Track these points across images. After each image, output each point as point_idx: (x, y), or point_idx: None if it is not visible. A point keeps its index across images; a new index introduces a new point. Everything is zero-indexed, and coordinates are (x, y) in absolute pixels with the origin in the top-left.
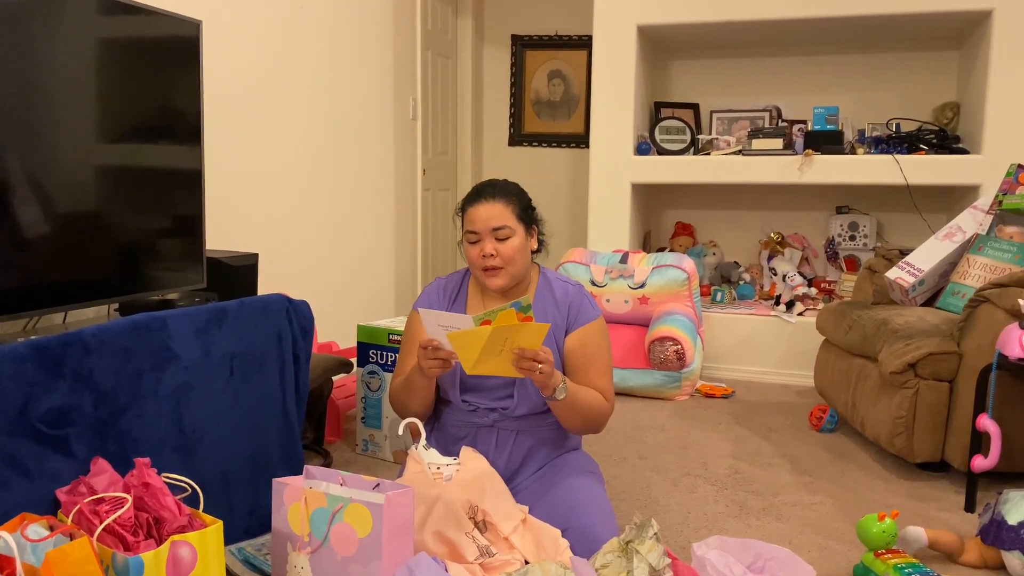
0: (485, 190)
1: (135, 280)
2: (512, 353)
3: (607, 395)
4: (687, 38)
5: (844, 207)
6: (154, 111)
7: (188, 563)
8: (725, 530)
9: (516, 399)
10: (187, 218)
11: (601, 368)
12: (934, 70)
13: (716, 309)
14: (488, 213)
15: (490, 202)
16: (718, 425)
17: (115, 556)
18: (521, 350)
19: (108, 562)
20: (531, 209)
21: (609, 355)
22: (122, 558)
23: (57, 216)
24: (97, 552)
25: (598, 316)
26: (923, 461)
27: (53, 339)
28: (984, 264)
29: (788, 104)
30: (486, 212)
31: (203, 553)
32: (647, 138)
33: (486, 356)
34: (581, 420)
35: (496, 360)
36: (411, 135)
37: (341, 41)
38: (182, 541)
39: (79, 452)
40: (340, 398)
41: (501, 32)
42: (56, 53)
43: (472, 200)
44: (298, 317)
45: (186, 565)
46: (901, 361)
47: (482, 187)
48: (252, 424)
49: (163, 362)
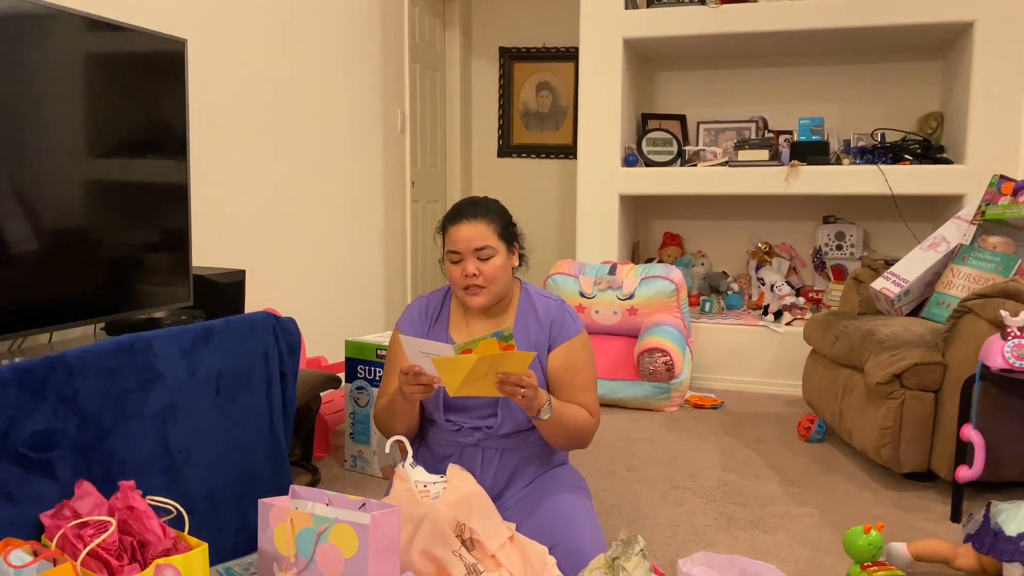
0: (466, 209)
1: (121, 298)
2: (496, 376)
3: (592, 410)
4: (673, 50)
5: (831, 217)
6: (140, 128)
7: None
8: (713, 543)
9: (500, 418)
10: (173, 235)
11: (585, 383)
12: (918, 81)
13: (705, 319)
14: (470, 233)
15: (472, 222)
16: (707, 436)
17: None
18: (505, 374)
19: None
20: (512, 226)
21: (593, 370)
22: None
23: (43, 234)
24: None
25: (581, 331)
26: (910, 471)
27: (36, 362)
28: (968, 274)
29: (774, 115)
30: (468, 232)
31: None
32: (634, 149)
33: (470, 380)
34: (567, 437)
35: (480, 383)
36: (400, 147)
37: (329, 54)
38: (167, 564)
39: (63, 475)
40: (328, 413)
41: (489, 44)
42: (42, 71)
43: (453, 219)
44: (285, 334)
45: None
46: (887, 372)
47: (463, 206)
48: (239, 443)
49: (148, 382)
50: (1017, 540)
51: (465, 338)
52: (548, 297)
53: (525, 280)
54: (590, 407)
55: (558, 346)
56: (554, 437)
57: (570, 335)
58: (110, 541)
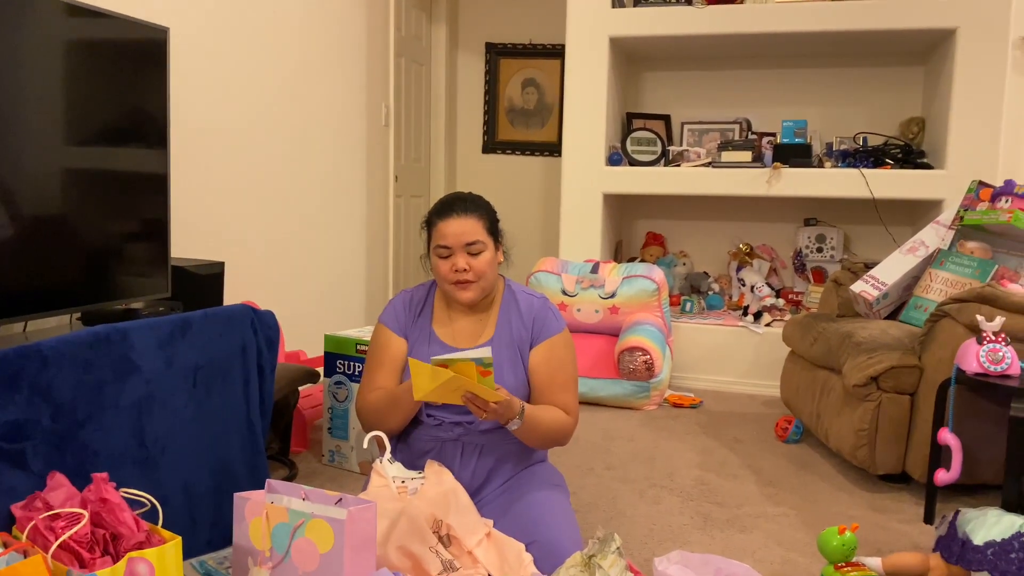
0: (456, 204)
1: (99, 288)
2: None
3: (569, 410)
4: (659, 50)
5: (812, 219)
6: (120, 116)
7: None
8: (689, 542)
9: None
10: (152, 225)
11: (565, 382)
12: (900, 86)
13: (685, 319)
14: (461, 228)
15: (463, 217)
16: (686, 435)
17: (70, 573)
18: (472, 396)
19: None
20: (498, 222)
21: (574, 368)
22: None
23: (19, 221)
24: (51, 569)
25: (562, 329)
26: (885, 473)
27: (9, 351)
28: (946, 279)
29: (758, 117)
30: (459, 227)
31: (161, 570)
32: (619, 148)
33: (439, 392)
34: (542, 440)
35: (448, 395)
36: (383, 142)
37: (313, 46)
38: (139, 558)
39: (36, 467)
40: (307, 408)
41: (475, 40)
42: (21, 57)
43: (443, 214)
44: (263, 328)
45: None
46: (864, 374)
47: (452, 201)
48: (215, 436)
49: (124, 374)
50: (985, 549)
51: (448, 334)
52: (531, 294)
53: (509, 277)
54: (568, 406)
55: (540, 343)
56: (529, 440)
57: (552, 332)
58: (82, 533)
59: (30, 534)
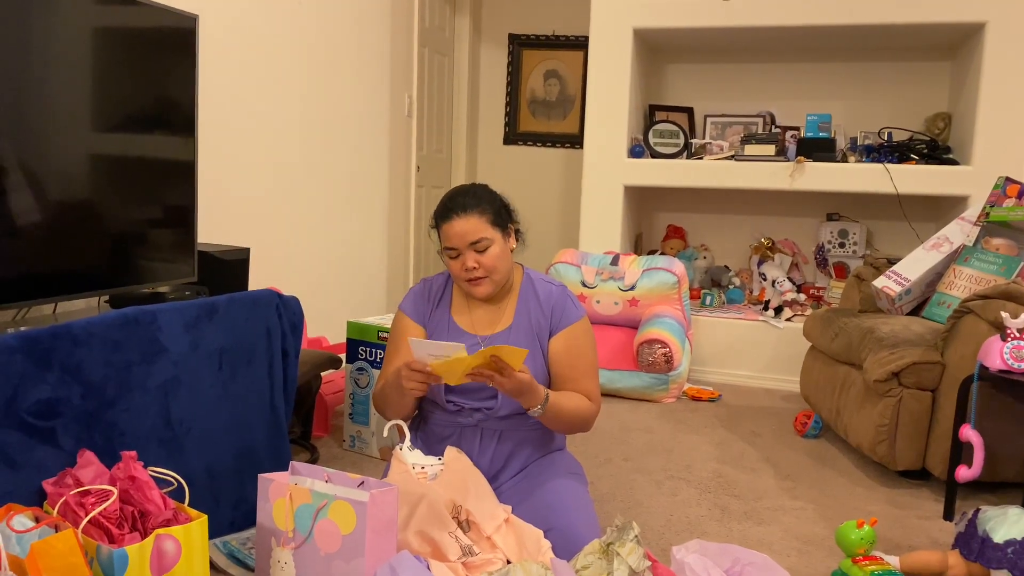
0: (456, 204)
1: (126, 272)
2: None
3: (592, 396)
4: (683, 42)
5: (834, 214)
6: (149, 103)
7: (172, 557)
8: (706, 533)
9: (500, 400)
10: (179, 211)
11: (587, 369)
12: (926, 80)
13: (705, 313)
14: (463, 228)
15: (463, 216)
16: (703, 428)
17: (100, 548)
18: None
19: (92, 554)
20: (504, 208)
21: (594, 355)
22: (107, 550)
23: (50, 206)
24: (82, 544)
25: (582, 316)
26: (904, 469)
27: (43, 331)
28: (970, 275)
29: (781, 110)
30: (460, 227)
31: (187, 547)
32: (641, 141)
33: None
34: (566, 426)
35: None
36: (406, 132)
37: (338, 36)
38: (167, 535)
39: (66, 444)
40: (328, 393)
41: (498, 31)
42: (51, 44)
43: (444, 216)
44: (288, 313)
45: (170, 559)
46: (885, 370)
47: (452, 201)
48: (239, 418)
49: (152, 355)
50: (1005, 547)
51: (467, 323)
52: (550, 283)
53: (529, 267)
54: (590, 393)
55: (559, 331)
56: (553, 426)
57: (571, 320)
58: (111, 510)
59: (61, 509)
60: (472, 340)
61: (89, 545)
